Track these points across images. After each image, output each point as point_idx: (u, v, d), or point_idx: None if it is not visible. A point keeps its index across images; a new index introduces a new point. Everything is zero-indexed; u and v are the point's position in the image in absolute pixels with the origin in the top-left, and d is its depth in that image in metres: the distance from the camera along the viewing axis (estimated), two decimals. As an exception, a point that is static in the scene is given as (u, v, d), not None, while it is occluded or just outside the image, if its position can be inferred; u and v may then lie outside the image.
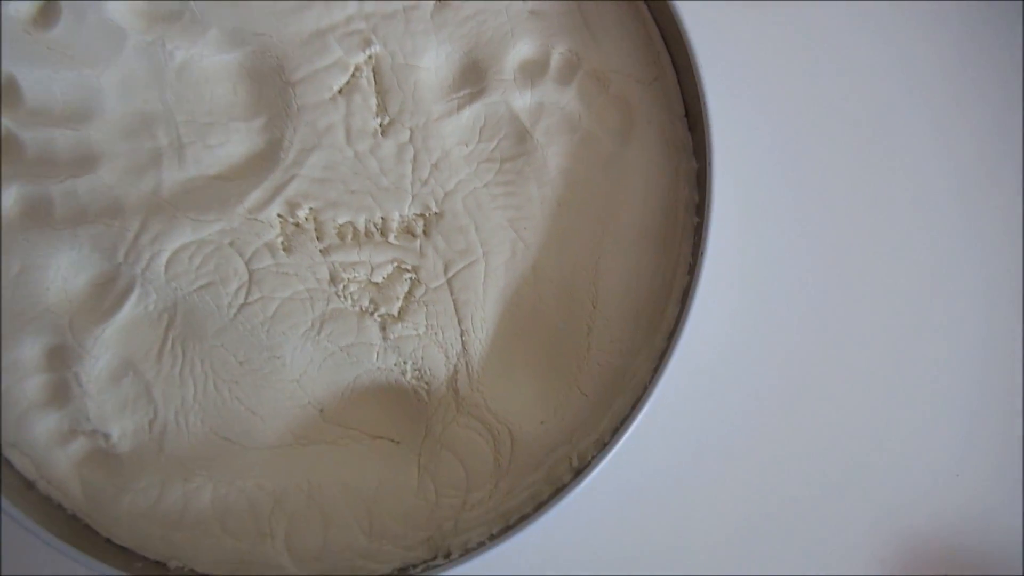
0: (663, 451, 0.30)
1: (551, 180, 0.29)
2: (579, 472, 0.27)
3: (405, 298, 0.28)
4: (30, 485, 0.28)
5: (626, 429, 0.26)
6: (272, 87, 0.29)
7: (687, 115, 0.29)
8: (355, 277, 0.28)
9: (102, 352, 0.28)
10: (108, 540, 0.28)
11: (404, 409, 0.29)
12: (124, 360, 0.28)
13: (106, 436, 0.28)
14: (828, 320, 0.30)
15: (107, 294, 0.28)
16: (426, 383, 0.28)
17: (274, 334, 0.28)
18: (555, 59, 0.29)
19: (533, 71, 0.29)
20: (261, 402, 0.28)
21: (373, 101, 0.28)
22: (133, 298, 0.28)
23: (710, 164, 0.27)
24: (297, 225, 0.28)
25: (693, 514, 0.29)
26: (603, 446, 0.27)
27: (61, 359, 0.28)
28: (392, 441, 0.29)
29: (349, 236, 0.28)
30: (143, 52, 0.28)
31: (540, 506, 0.27)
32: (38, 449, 0.28)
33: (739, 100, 0.30)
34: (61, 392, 0.28)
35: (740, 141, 0.30)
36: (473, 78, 0.29)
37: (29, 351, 0.28)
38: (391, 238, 0.28)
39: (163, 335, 0.28)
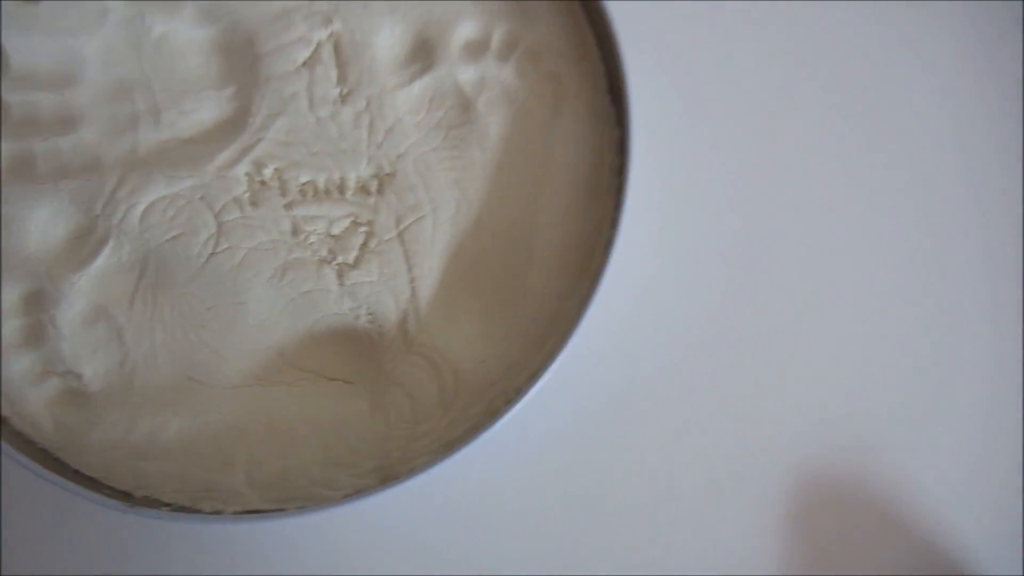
0: (590, 383, 0.33)
1: (492, 145, 0.32)
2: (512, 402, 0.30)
3: (360, 248, 0.31)
4: (3, 420, 0.30)
5: (553, 362, 0.29)
6: (242, 59, 0.32)
7: (611, 90, 0.33)
8: (315, 229, 0.31)
9: (77, 298, 0.30)
10: (77, 471, 0.30)
11: (357, 351, 0.31)
12: (98, 306, 0.31)
13: (78, 376, 0.30)
14: (739, 263, 0.34)
15: (84, 244, 0.31)
16: (378, 326, 0.31)
17: (240, 281, 0.31)
18: (496, 39, 0.33)
19: (476, 49, 0.33)
20: (226, 345, 0.31)
21: (333, 73, 0.32)
22: (108, 248, 0.31)
23: (629, 133, 0.31)
24: (263, 182, 0.31)
25: (616, 440, 0.33)
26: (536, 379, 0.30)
27: (38, 303, 0.30)
28: (346, 382, 0.31)
29: (310, 193, 0.31)
30: (124, 25, 0.31)
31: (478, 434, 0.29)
32: (12, 387, 0.30)
33: (658, 76, 0.34)
34: (36, 334, 0.30)
35: (659, 112, 0.34)
36: (423, 55, 0.32)
37: (8, 296, 0.30)
38: (348, 195, 0.31)
39: (135, 283, 0.31)
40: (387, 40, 0.32)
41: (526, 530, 0.32)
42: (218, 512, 0.29)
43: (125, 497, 0.29)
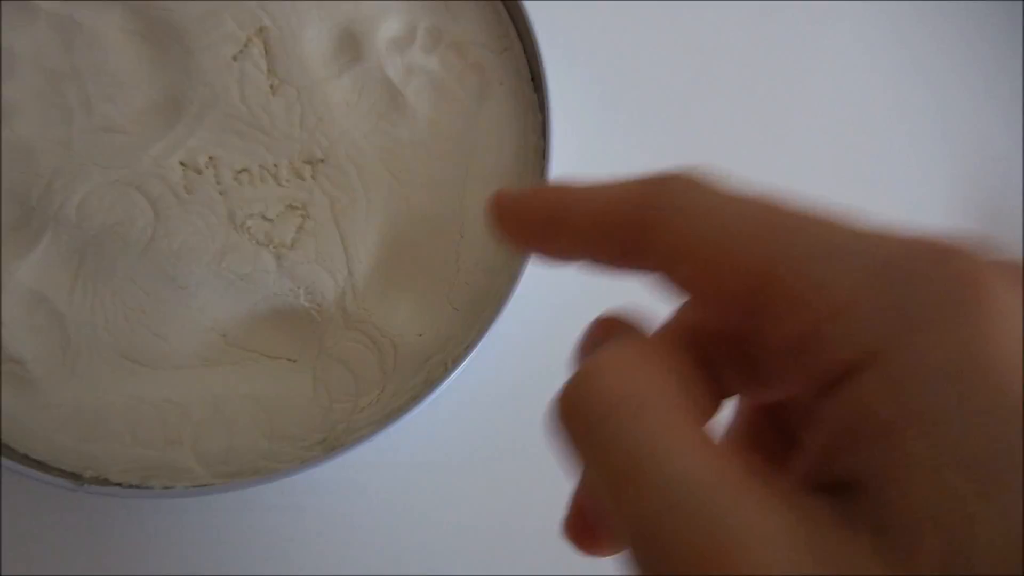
0: (521, 353, 0.35)
1: (421, 131, 0.34)
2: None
3: (297, 231, 0.33)
4: (-54, 411, 0.30)
5: (486, 334, 0.31)
6: (173, 54, 0.33)
7: (533, 78, 0.35)
8: (251, 214, 0.32)
9: (16, 288, 0.31)
10: (25, 456, 0.30)
11: (298, 329, 0.33)
12: (38, 294, 0.31)
13: (20, 362, 0.31)
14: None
15: (21, 235, 0.31)
16: (317, 304, 0.33)
17: (178, 266, 0.32)
18: (420, 33, 0.35)
19: (402, 42, 0.34)
20: (168, 329, 0.32)
21: (264, 66, 0.33)
22: (46, 239, 0.31)
23: (549, 117, 0.33)
24: (198, 171, 0.32)
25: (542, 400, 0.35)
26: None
27: (-23, 294, 0.31)
28: (289, 360, 0.33)
29: (245, 180, 0.33)
30: (54, 23, 0.32)
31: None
32: (-46, 378, 0.30)
33: (575, 65, 0.37)
34: (-24, 325, 0.31)
35: (577, 98, 0.36)
36: (350, 48, 0.34)
37: (-55, 288, 0.30)
38: (282, 181, 0.33)
39: (75, 271, 0.31)
40: (314, 35, 0.34)
41: (465, 491, 0.34)
42: (169, 488, 0.30)
43: (74, 478, 0.30)
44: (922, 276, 0.11)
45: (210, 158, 0.32)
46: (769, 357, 0.13)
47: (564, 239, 0.16)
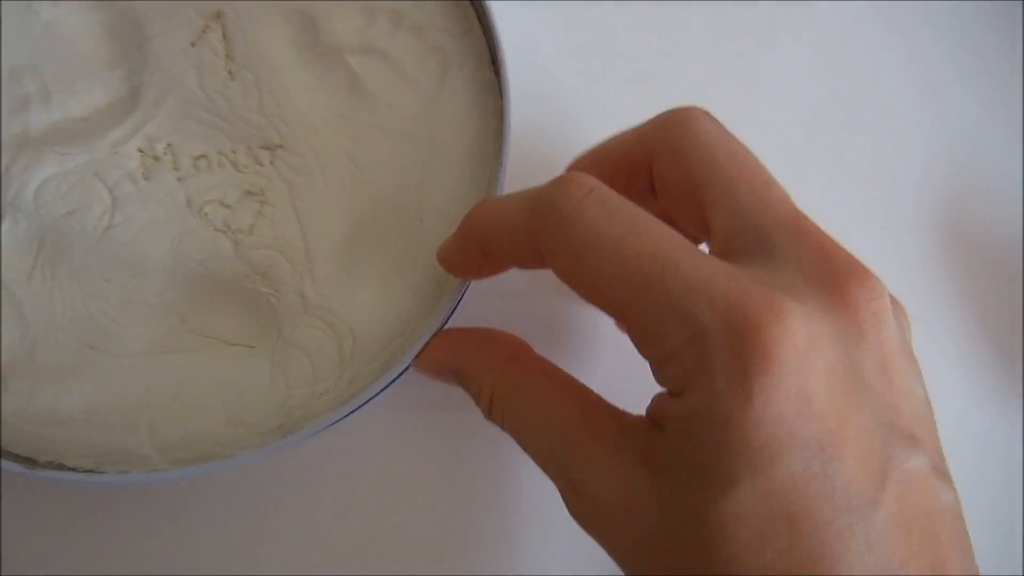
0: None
1: (381, 115, 0.34)
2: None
3: (254, 216, 0.33)
4: (-95, 397, 0.30)
5: (448, 319, 0.31)
6: (132, 41, 0.33)
7: (493, 61, 0.35)
8: (209, 200, 0.32)
9: (-25, 275, 0.31)
10: (-19, 442, 0.30)
11: (257, 315, 0.33)
12: (-4, 282, 0.31)
13: (-22, 350, 0.31)
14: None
15: (-21, 223, 0.31)
16: (275, 291, 0.32)
17: (137, 253, 0.32)
18: (380, 17, 0.34)
19: (361, 27, 0.34)
20: (126, 315, 0.32)
21: (222, 51, 0.33)
22: (4, 226, 0.31)
23: (507, 100, 0.33)
24: (156, 158, 0.32)
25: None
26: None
27: (-65, 281, 0.31)
28: (248, 346, 0.33)
29: (204, 166, 0.33)
30: (10, 11, 0.32)
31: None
32: (-88, 364, 0.30)
33: (537, 47, 0.36)
34: (-65, 312, 0.31)
35: (539, 81, 0.36)
36: (309, 32, 0.34)
37: (-96, 276, 0.31)
38: (240, 166, 0.33)
39: (33, 258, 0.32)
40: (273, 20, 0.34)
41: (427, 476, 0.34)
42: (123, 473, 0.30)
43: (29, 463, 0.30)
44: (725, 342, 0.17)
45: (168, 144, 0.32)
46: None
47: (495, 259, 0.26)
